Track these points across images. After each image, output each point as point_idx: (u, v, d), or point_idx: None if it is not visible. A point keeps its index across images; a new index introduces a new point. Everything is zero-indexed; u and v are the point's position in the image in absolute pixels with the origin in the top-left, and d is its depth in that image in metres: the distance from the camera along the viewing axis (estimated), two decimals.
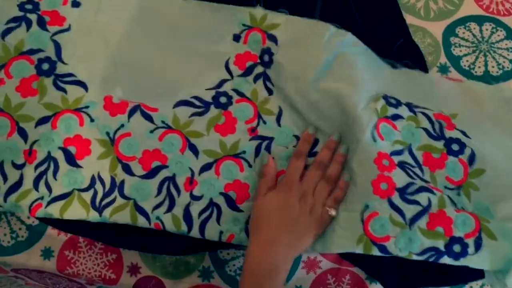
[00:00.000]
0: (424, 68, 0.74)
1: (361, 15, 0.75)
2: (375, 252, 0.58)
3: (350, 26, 0.72)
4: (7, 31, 0.64)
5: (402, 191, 0.60)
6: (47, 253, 0.63)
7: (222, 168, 0.63)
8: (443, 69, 0.75)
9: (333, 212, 0.60)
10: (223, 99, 0.66)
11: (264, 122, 0.66)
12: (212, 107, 0.66)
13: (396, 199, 0.59)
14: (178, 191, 0.62)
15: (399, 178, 0.61)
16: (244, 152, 0.64)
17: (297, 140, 0.65)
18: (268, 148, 0.65)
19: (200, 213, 0.62)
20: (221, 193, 0.62)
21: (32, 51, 0.64)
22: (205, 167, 0.63)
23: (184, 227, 0.61)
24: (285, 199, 0.59)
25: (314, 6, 0.74)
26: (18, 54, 0.64)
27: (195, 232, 0.61)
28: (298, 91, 0.65)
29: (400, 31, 0.76)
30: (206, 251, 0.65)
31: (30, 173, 0.60)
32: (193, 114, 0.65)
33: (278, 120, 0.66)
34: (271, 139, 0.65)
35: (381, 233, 0.59)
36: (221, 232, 0.62)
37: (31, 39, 0.65)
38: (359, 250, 0.58)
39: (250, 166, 0.64)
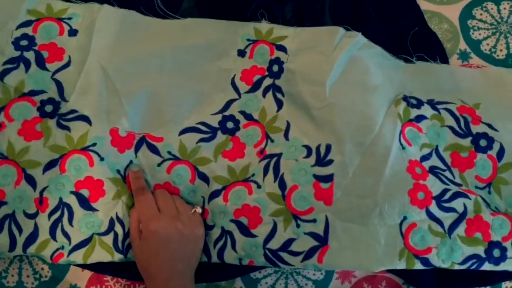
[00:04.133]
0: (443, 56, 0.70)
1: (372, 4, 0.72)
2: (418, 266, 0.58)
3: (361, 16, 0.71)
4: (5, 72, 0.62)
5: (439, 199, 0.60)
6: None
7: (231, 195, 0.62)
8: (464, 56, 0.71)
9: (199, 210, 0.60)
10: (230, 124, 0.64)
11: (272, 141, 0.64)
12: (219, 132, 0.64)
13: (434, 208, 0.59)
14: None
15: (434, 185, 0.60)
16: (253, 175, 0.63)
17: (307, 151, 0.62)
18: (276, 165, 0.62)
19: (215, 242, 0.61)
20: (231, 220, 0.61)
21: (33, 92, 0.62)
22: (214, 194, 0.62)
23: (203, 257, 0.61)
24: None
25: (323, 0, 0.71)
26: (18, 96, 0.62)
27: (214, 259, 0.61)
28: (314, 94, 0.63)
29: (414, 19, 0.72)
30: (235, 277, 0.63)
31: (44, 222, 0.59)
32: (200, 140, 0.63)
33: (286, 135, 0.64)
34: (279, 155, 0.63)
35: (422, 245, 0.58)
36: (240, 259, 0.61)
37: (31, 81, 0.62)
38: (401, 265, 0.58)
39: (259, 187, 0.62)
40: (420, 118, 0.63)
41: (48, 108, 0.62)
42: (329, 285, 0.64)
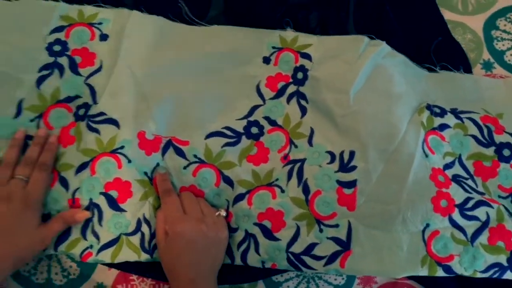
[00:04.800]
0: (467, 66, 0.71)
1: (395, 14, 0.72)
2: (440, 273, 0.58)
3: (384, 26, 0.71)
4: (41, 80, 0.64)
5: (461, 207, 0.60)
6: None
7: (255, 198, 0.62)
8: (487, 66, 0.71)
9: (223, 213, 0.61)
10: (254, 130, 0.65)
11: (296, 146, 0.65)
12: (243, 137, 0.65)
13: (457, 216, 0.59)
14: None
15: (457, 193, 0.60)
16: (277, 179, 0.63)
17: (331, 157, 0.63)
18: (300, 170, 0.63)
19: (239, 245, 0.62)
20: (255, 224, 0.62)
21: (69, 99, 0.64)
22: (238, 198, 0.63)
23: (227, 259, 0.62)
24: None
25: (347, 8, 0.72)
26: (55, 102, 0.64)
27: (238, 261, 0.62)
28: (338, 102, 0.64)
29: (438, 28, 0.72)
30: (257, 280, 0.64)
31: None
32: (225, 145, 0.64)
33: (310, 141, 0.65)
34: (303, 160, 0.64)
35: (445, 252, 0.59)
36: (263, 262, 0.61)
37: (66, 87, 0.64)
38: (423, 272, 0.58)
39: (282, 191, 0.63)
40: (443, 126, 0.64)
41: (81, 111, 0.63)
42: None
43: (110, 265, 0.62)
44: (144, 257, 0.60)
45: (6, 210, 0.55)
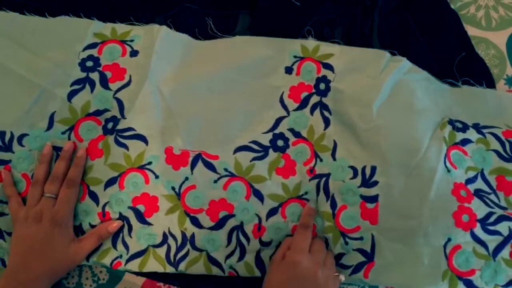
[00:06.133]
0: (490, 82, 0.71)
1: (420, 29, 0.73)
2: (461, 287, 0.58)
3: (409, 41, 0.71)
4: (73, 94, 0.67)
5: (483, 222, 0.60)
6: None
7: (288, 211, 0.63)
8: (511, 82, 0.71)
9: (342, 278, 0.60)
10: (280, 142, 0.66)
11: (321, 160, 0.65)
12: (270, 150, 0.66)
13: (478, 230, 0.60)
14: (248, 239, 0.63)
15: (479, 208, 0.60)
16: (306, 193, 0.64)
17: (353, 172, 0.64)
18: (326, 185, 0.64)
19: (270, 257, 0.63)
20: (288, 235, 0.63)
21: (98, 112, 0.66)
22: (271, 212, 0.63)
23: (257, 272, 0.62)
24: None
25: (371, 23, 0.73)
26: (85, 115, 0.66)
27: None
28: (361, 116, 0.64)
29: (461, 44, 0.73)
30: None
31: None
32: (254, 159, 0.65)
33: (333, 154, 0.65)
34: (328, 175, 0.65)
35: (466, 267, 0.59)
36: None
37: (96, 101, 0.66)
38: (444, 286, 0.59)
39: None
40: (465, 141, 0.64)
41: (110, 125, 0.65)
42: None
43: (137, 273, 0.64)
44: (169, 269, 0.62)
45: (36, 230, 0.58)
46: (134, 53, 0.69)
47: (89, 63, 0.68)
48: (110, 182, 0.63)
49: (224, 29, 0.72)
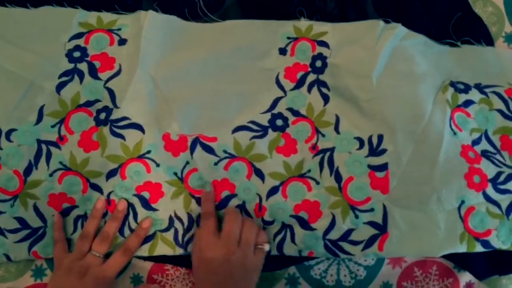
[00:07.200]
0: (489, 40, 0.69)
1: None
2: (479, 248, 0.59)
3: (404, 4, 0.70)
4: (61, 86, 0.65)
5: (494, 182, 0.60)
6: (136, 280, 0.64)
7: (289, 190, 0.63)
8: (510, 39, 0.70)
9: (267, 247, 0.59)
10: (279, 122, 0.65)
11: (323, 136, 0.64)
12: (269, 130, 0.65)
13: (490, 190, 0.60)
14: (251, 218, 0.62)
15: (488, 168, 0.61)
16: (309, 171, 0.63)
17: (359, 142, 0.63)
18: (330, 159, 0.63)
19: (275, 235, 0.62)
20: (291, 216, 0.62)
21: (89, 103, 0.64)
22: (272, 191, 0.63)
23: None
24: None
25: None
26: (75, 107, 0.64)
27: (274, 252, 0.62)
28: (360, 87, 0.64)
29: (458, 3, 0.71)
30: (290, 266, 0.64)
31: None
32: (253, 137, 0.64)
33: (336, 128, 0.64)
34: (332, 149, 0.64)
35: (482, 227, 0.59)
36: (300, 251, 0.62)
37: (86, 91, 0.65)
38: (462, 249, 0.59)
39: (317, 183, 0.63)
40: (468, 103, 0.64)
41: (102, 115, 0.64)
42: (380, 270, 0.64)
43: (145, 257, 0.64)
44: (179, 251, 0.62)
45: (77, 284, 0.57)
46: (122, 42, 0.67)
47: (76, 54, 0.66)
48: (111, 174, 0.62)
49: (213, 4, 0.71)
